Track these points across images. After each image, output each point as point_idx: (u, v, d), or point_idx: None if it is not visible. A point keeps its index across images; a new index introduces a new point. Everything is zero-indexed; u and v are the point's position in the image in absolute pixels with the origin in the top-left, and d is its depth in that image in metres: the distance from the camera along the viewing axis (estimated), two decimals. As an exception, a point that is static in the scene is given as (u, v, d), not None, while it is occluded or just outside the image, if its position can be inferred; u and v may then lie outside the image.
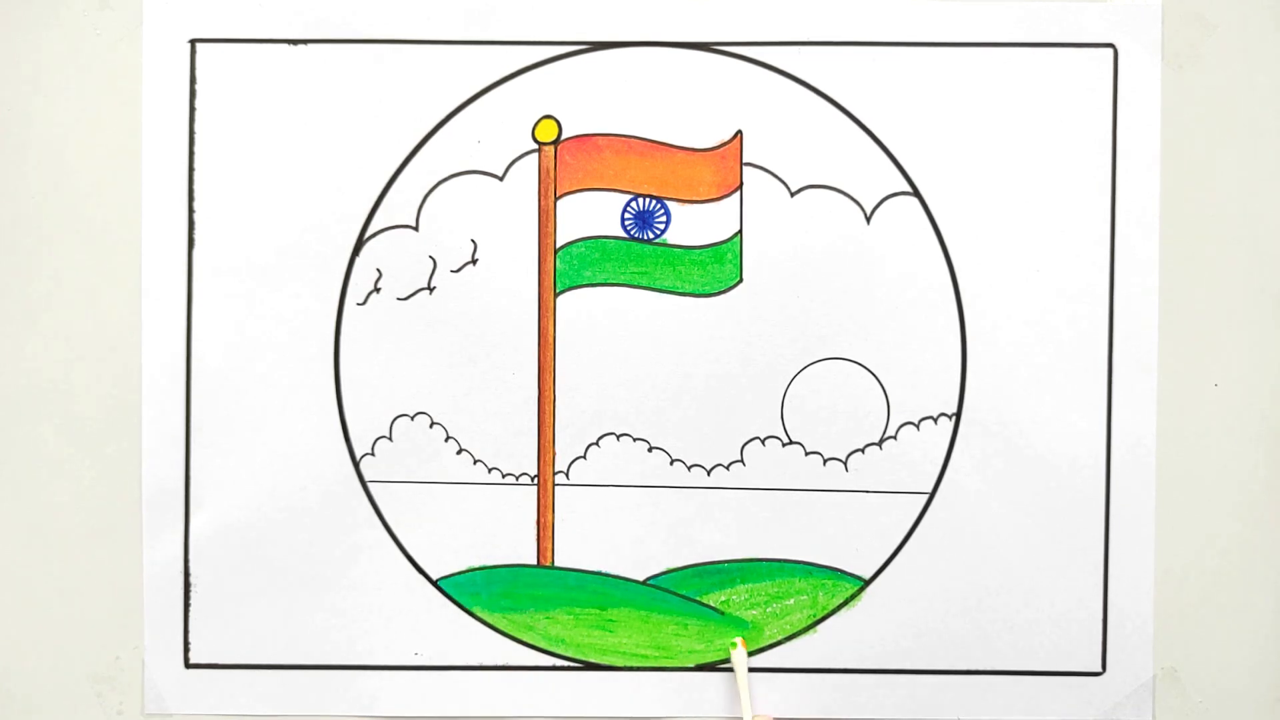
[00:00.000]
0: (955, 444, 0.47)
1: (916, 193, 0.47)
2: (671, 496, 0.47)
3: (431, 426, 0.47)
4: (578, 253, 0.47)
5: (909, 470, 0.47)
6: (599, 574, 0.47)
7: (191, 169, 0.47)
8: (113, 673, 0.48)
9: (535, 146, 0.47)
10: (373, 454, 0.47)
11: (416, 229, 0.47)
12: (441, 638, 0.47)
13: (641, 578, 0.47)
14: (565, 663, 0.48)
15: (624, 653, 0.48)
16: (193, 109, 0.47)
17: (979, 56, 0.47)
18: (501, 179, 0.47)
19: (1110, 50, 0.47)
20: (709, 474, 0.47)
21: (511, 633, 0.47)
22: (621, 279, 0.47)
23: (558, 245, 0.47)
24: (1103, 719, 0.47)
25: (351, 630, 0.47)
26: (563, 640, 0.48)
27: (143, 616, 0.47)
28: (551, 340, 0.47)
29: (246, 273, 0.47)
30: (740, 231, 0.47)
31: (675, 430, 0.47)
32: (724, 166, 0.47)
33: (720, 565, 0.47)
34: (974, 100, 0.47)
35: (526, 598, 0.47)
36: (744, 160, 0.47)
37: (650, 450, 0.47)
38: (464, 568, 0.47)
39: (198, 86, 0.47)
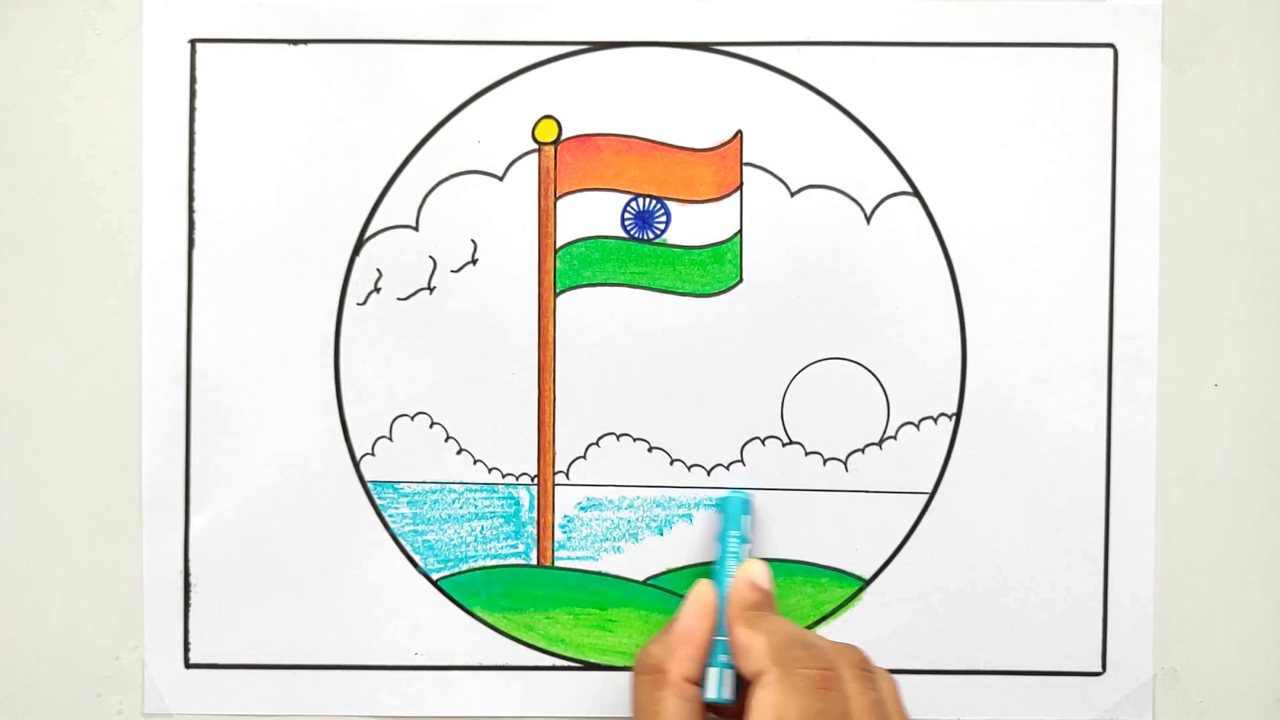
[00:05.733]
0: (955, 444, 0.47)
1: (916, 193, 0.47)
2: (671, 496, 0.47)
3: (431, 426, 0.47)
4: (578, 253, 0.47)
5: (909, 470, 0.47)
6: (599, 574, 0.47)
7: (191, 169, 0.47)
8: (113, 673, 0.48)
9: (535, 146, 0.47)
10: (373, 454, 0.47)
11: (416, 229, 0.47)
12: (441, 638, 0.47)
13: (641, 578, 0.47)
14: (565, 663, 0.48)
15: (624, 653, 0.47)
16: (193, 109, 0.47)
17: (979, 56, 0.47)
18: (501, 179, 0.47)
19: (1110, 50, 0.47)
20: (709, 474, 0.47)
21: (511, 633, 0.47)
22: (621, 279, 0.47)
23: (558, 245, 0.47)
24: (1103, 719, 0.47)
25: (351, 630, 0.47)
26: (563, 640, 0.48)
27: (143, 616, 0.47)
28: (551, 340, 0.47)
29: (246, 273, 0.47)
30: (740, 231, 0.47)
31: (675, 430, 0.47)
32: (724, 166, 0.47)
33: (720, 565, 0.47)
34: (974, 100, 0.47)
35: (526, 598, 0.47)
36: (744, 160, 0.47)
37: (650, 450, 0.47)
38: (464, 568, 0.47)
39: (198, 86, 0.47)
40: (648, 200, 0.47)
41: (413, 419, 0.47)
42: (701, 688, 0.42)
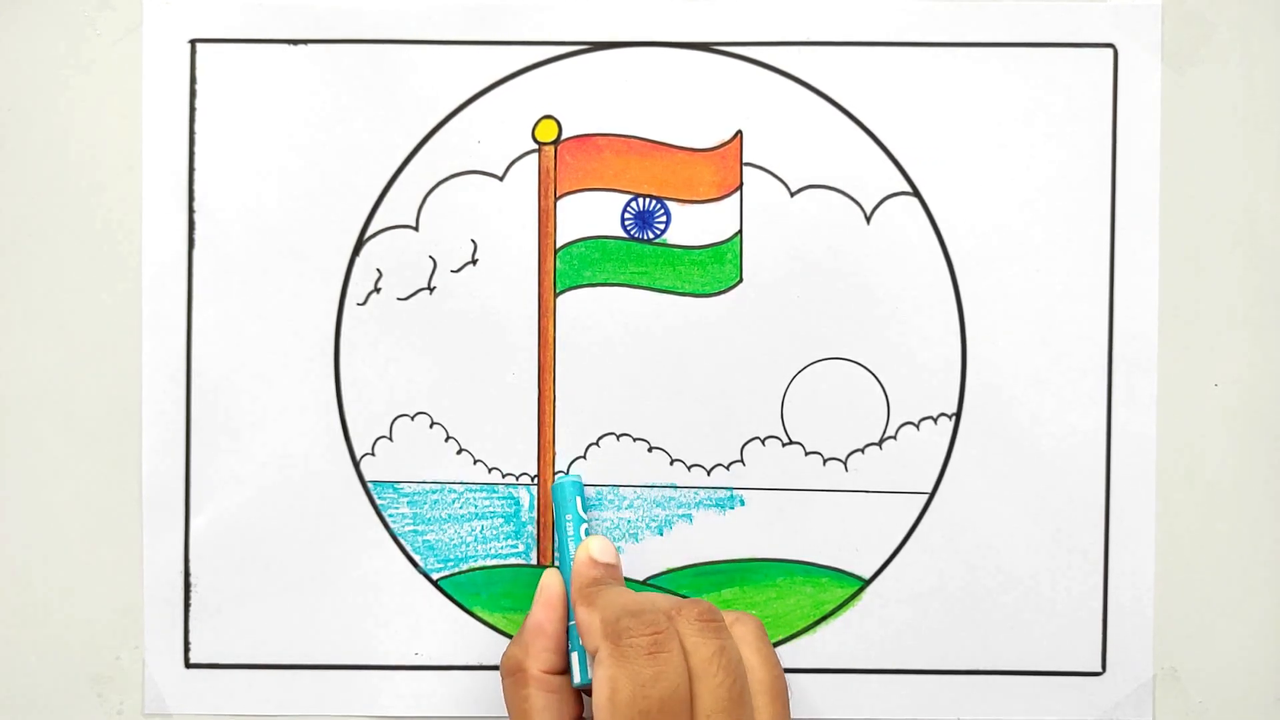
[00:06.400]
0: (955, 444, 0.47)
1: (916, 193, 0.47)
2: (671, 496, 0.47)
3: (431, 426, 0.47)
4: (578, 253, 0.47)
5: (909, 470, 0.47)
6: (599, 574, 0.47)
7: (191, 169, 0.47)
8: (113, 673, 0.48)
9: (535, 146, 0.47)
10: (373, 454, 0.47)
11: (416, 229, 0.47)
12: (441, 638, 0.47)
13: (641, 578, 0.47)
14: (565, 663, 0.48)
15: (624, 653, 0.47)
16: (193, 109, 0.47)
17: (979, 56, 0.47)
18: (501, 179, 0.47)
19: (1110, 50, 0.47)
20: (709, 474, 0.47)
21: (511, 633, 0.47)
22: (621, 279, 0.47)
23: (558, 245, 0.47)
24: (1103, 719, 0.47)
25: (351, 630, 0.47)
26: (563, 640, 0.48)
27: (143, 616, 0.47)
28: (551, 340, 0.47)
29: (246, 273, 0.47)
30: (740, 231, 0.47)
31: (675, 430, 0.47)
32: (724, 166, 0.47)
33: (720, 565, 0.47)
34: (974, 100, 0.47)
35: (527, 598, 0.47)
36: (744, 160, 0.47)
37: (650, 450, 0.47)
38: (464, 568, 0.47)
39: (198, 86, 0.47)
40: (648, 200, 0.47)
41: (413, 419, 0.47)
42: (569, 675, 0.43)
